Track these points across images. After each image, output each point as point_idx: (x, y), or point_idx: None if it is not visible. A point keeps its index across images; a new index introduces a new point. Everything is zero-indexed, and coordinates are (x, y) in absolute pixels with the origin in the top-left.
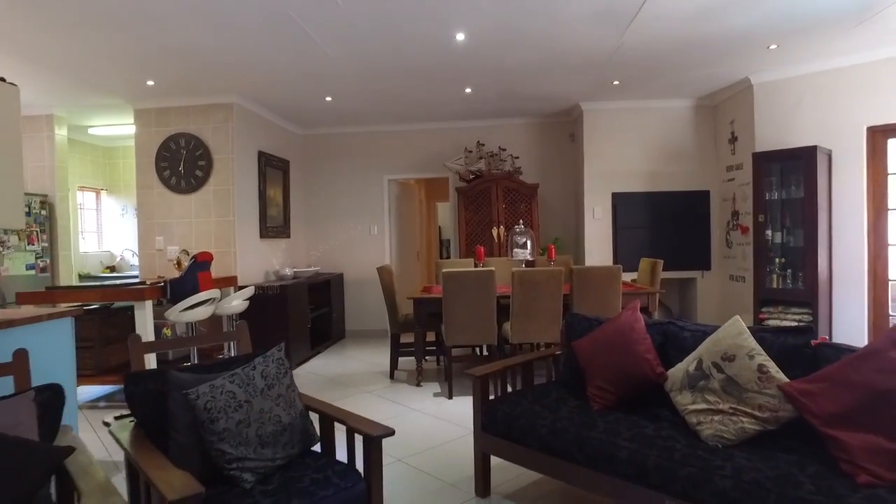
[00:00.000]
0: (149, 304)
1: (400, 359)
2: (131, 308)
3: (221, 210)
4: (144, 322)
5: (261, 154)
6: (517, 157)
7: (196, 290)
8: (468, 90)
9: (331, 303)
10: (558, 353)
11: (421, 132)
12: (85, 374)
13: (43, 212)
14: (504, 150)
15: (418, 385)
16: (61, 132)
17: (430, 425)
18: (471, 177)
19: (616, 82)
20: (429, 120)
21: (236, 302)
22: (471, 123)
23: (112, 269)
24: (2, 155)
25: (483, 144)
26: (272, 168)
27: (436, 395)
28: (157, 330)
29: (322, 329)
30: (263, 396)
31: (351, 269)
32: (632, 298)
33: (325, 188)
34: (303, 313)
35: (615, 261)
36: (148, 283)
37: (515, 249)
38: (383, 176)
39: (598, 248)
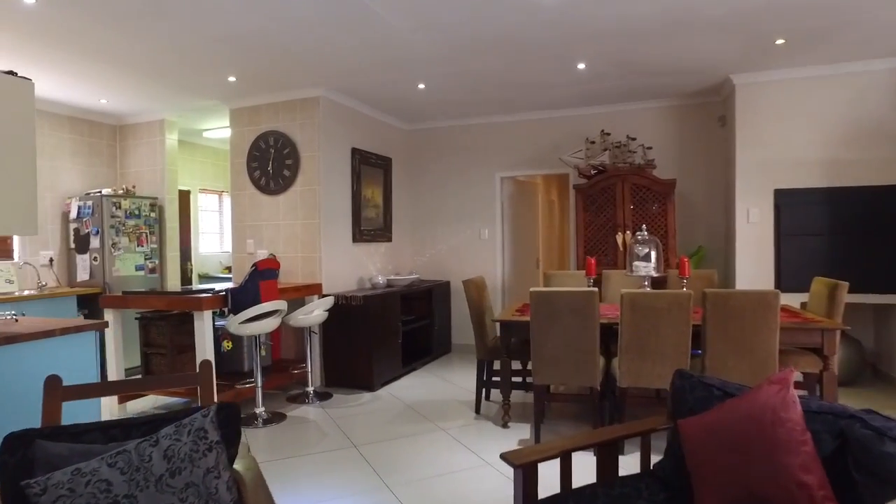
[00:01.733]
0: (207, 314)
1: (493, 389)
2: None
3: (307, 212)
4: (203, 333)
5: (355, 151)
6: (650, 148)
7: (257, 301)
8: (581, 66)
9: (433, 314)
10: (661, 428)
11: (535, 122)
12: None
13: (153, 214)
14: (633, 139)
15: (505, 426)
16: (172, 137)
17: (500, 490)
18: (592, 172)
19: (780, 41)
20: (542, 108)
21: (317, 312)
22: (592, 110)
23: (229, 269)
24: (14, 155)
25: (608, 133)
26: (369, 166)
27: (522, 442)
28: (218, 341)
29: (421, 343)
30: (159, 488)
31: (459, 277)
32: (797, 335)
33: (431, 188)
34: (392, 326)
35: (777, 279)
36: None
37: (636, 262)
38: (494, 173)
39: (753, 261)
